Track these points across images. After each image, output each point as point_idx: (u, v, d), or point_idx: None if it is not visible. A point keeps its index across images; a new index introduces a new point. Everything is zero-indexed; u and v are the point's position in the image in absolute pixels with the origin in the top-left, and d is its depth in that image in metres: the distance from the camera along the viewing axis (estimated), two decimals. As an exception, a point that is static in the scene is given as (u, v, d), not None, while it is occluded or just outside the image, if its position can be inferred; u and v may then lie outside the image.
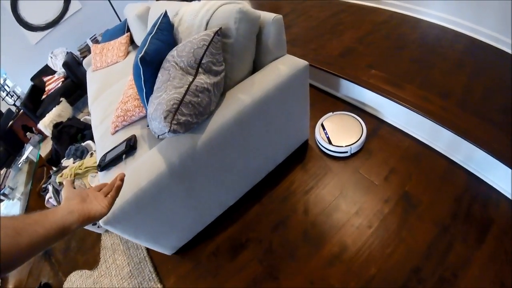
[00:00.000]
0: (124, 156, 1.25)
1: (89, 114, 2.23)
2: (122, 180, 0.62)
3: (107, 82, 2.02)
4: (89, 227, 1.69)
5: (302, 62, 1.25)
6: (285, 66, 1.23)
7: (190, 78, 1.02)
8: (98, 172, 1.32)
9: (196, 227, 1.42)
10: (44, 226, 0.43)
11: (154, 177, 1.01)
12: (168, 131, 0.93)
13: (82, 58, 2.93)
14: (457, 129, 1.36)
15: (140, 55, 1.02)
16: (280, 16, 1.19)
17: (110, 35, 2.38)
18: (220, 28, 1.06)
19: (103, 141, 1.49)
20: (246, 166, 1.37)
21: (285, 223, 1.42)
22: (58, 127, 2.08)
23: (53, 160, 2.02)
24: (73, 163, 1.67)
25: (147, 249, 1.58)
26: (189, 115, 0.97)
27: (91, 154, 1.69)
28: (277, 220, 1.44)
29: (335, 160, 1.60)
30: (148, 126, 1.36)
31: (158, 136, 1.12)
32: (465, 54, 1.75)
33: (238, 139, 1.19)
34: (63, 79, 2.87)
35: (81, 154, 1.74)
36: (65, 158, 1.75)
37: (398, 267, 1.18)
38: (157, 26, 1.19)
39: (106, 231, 1.80)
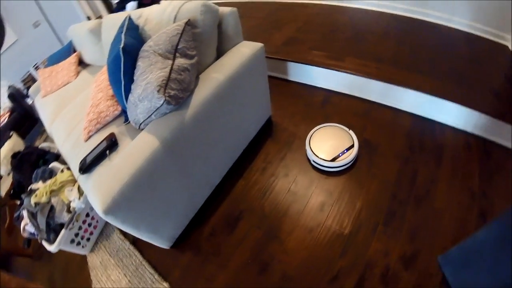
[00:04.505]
0: (108, 151, 1.26)
1: (45, 140, 2.11)
2: None
3: (64, 102, 1.96)
4: (72, 249, 1.59)
5: (258, 44, 1.47)
6: (246, 48, 1.43)
7: (170, 62, 1.13)
8: (80, 175, 1.29)
9: (189, 211, 1.46)
10: None
11: (148, 154, 1.06)
12: (164, 102, 1.01)
13: (26, 89, 2.76)
14: (393, 81, 1.67)
15: (121, 46, 1.10)
16: (235, 8, 1.42)
17: (57, 58, 2.32)
18: (189, 20, 1.22)
19: (76, 151, 1.46)
20: (226, 140, 1.49)
21: (270, 189, 1.55)
22: (16, 156, 1.94)
23: (17, 192, 1.86)
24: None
25: (142, 254, 1.55)
26: (177, 90, 1.07)
27: (62, 170, 1.62)
28: (263, 188, 1.57)
29: (298, 127, 1.80)
30: (125, 122, 1.38)
31: (140, 125, 1.19)
32: (389, 27, 2.15)
33: (218, 113, 1.32)
34: (9, 113, 2.67)
35: (50, 175, 1.66)
36: (33, 183, 1.64)
37: (378, 197, 1.39)
38: (125, 26, 1.29)
39: (92, 250, 1.71)
